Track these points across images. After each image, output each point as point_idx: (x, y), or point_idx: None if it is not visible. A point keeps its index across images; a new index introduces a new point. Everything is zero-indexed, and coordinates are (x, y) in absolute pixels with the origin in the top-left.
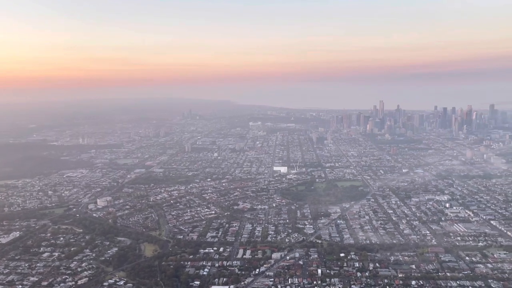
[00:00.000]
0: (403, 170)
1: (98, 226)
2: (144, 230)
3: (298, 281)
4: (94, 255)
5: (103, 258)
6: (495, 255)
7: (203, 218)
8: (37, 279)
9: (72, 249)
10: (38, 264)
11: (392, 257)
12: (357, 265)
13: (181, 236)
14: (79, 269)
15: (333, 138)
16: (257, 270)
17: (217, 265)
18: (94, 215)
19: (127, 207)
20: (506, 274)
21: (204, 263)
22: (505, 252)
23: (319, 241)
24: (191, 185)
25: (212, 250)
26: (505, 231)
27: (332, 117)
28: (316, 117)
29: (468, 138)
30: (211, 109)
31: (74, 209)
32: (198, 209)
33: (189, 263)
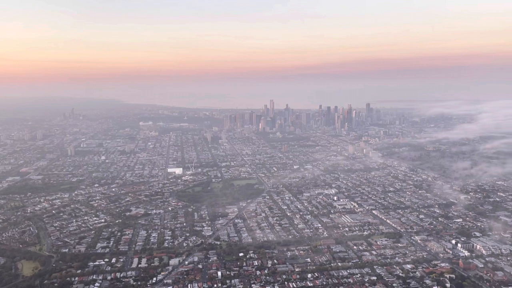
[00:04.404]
0: (294, 167)
1: None
2: (21, 246)
3: (198, 286)
4: None
5: None
6: (378, 242)
7: (91, 227)
8: None
9: None
10: None
11: (288, 252)
12: (256, 264)
13: (67, 250)
14: None
15: (228, 137)
16: (154, 278)
17: (109, 277)
18: None
19: None
20: (388, 259)
21: (94, 277)
22: (386, 238)
23: (218, 243)
24: (76, 192)
25: (103, 262)
26: (385, 219)
27: (226, 116)
28: (209, 117)
29: (349, 135)
30: (97, 109)
31: None
32: (86, 218)
33: (76, 278)
